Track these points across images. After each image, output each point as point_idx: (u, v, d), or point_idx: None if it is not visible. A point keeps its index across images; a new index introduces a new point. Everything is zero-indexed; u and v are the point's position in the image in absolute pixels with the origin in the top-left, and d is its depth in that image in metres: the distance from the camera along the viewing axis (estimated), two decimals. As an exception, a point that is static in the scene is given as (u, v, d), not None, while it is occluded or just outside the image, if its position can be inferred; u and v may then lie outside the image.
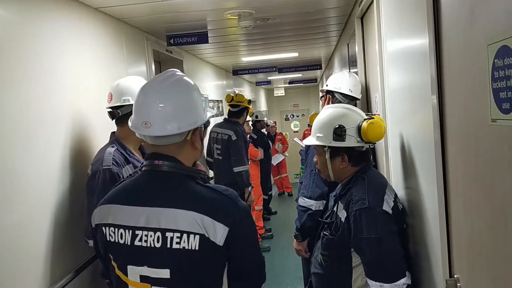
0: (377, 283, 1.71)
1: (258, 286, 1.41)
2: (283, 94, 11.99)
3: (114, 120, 2.44)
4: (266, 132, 8.13)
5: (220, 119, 5.32)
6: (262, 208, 6.88)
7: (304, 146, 6.76)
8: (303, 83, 11.18)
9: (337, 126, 1.88)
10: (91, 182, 2.24)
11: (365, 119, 1.89)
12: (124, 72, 3.21)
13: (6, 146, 1.86)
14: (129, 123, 1.42)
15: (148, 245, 1.30)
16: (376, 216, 1.74)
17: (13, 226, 1.88)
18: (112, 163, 2.25)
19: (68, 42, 2.48)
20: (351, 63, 3.97)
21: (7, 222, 1.83)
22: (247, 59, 6.30)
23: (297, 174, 10.92)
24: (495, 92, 1.02)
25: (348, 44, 4.17)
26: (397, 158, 2.20)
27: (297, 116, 13.48)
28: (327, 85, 2.93)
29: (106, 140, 2.46)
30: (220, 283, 1.34)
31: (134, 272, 1.32)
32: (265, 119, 9.67)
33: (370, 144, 1.95)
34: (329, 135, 1.90)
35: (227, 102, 5.10)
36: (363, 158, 1.95)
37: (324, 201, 2.52)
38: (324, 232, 1.95)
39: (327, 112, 1.98)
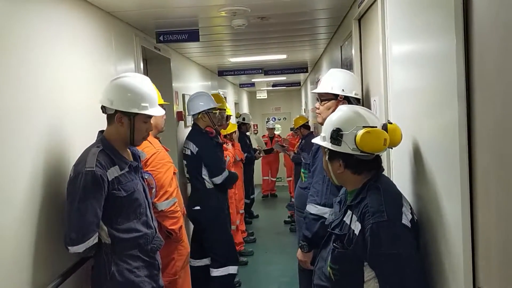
0: None
1: None
2: (266, 97, 11.92)
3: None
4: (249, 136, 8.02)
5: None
6: (244, 212, 6.78)
7: (290, 155, 6.76)
8: (286, 86, 11.12)
9: (334, 128, 1.77)
10: (72, 185, 2.08)
11: (364, 127, 1.73)
12: (112, 68, 3.06)
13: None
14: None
15: None
16: (396, 230, 1.62)
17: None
18: (96, 164, 2.09)
19: (55, 34, 2.32)
20: (345, 66, 3.89)
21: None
22: (235, 59, 6.19)
23: (279, 178, 10.83)
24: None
25: (341, 47, 4.10)
26: (402, 164, 2.12)
27: (279, 120, 13.43)
28: (343, 90, 2.59)
29: (93, 139, 2.30)
30: None
31: None
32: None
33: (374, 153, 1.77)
34: (329, 136, 1.80)
35: None
36: (366, 167, 1.78)
37: None
38: (335, 245, 1.80)
39: (338, 112, 1.86)
